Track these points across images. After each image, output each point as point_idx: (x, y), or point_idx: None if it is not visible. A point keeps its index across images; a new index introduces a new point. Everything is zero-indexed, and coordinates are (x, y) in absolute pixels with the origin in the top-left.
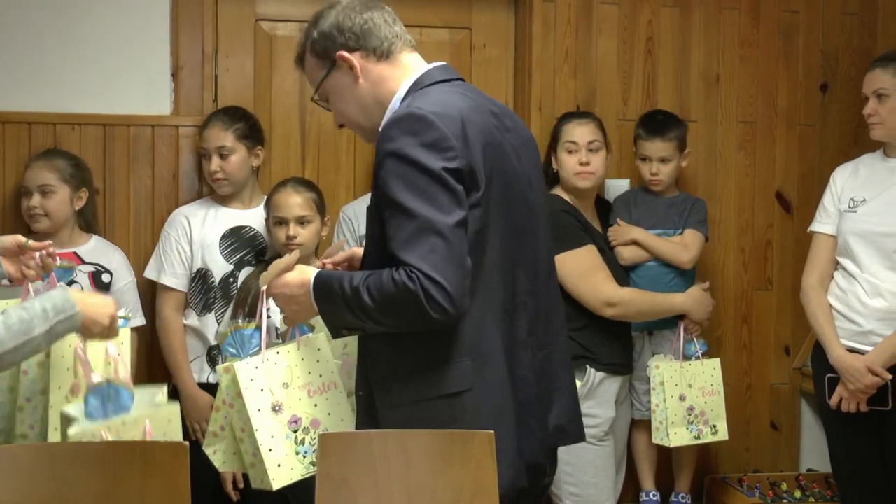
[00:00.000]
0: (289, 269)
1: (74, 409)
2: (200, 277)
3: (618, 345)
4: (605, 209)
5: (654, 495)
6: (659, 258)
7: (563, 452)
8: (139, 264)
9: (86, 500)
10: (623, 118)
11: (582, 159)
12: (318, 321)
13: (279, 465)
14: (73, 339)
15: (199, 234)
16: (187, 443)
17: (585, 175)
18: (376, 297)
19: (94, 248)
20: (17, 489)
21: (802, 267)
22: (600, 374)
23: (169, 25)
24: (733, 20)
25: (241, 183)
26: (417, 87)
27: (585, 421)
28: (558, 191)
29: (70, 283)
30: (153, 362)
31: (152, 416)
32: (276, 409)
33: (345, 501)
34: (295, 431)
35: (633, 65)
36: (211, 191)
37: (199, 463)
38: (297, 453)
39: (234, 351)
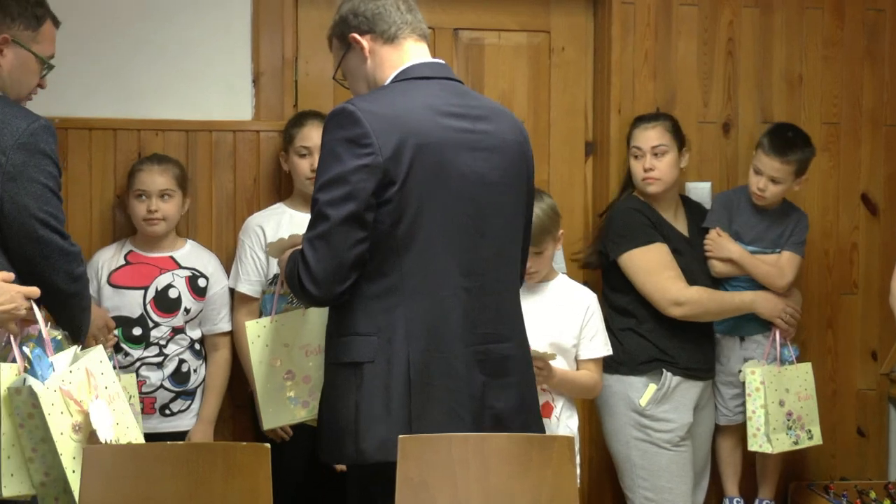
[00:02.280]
0: (295, 244)
1: (16, 381)
2: (278, 283)
3: (696, 349)
4: (693, 210)
5: (737, 502)
6: (753, 279)
7: (638, 457)
8: None
9: (169, 501)
10: (703, 120)
11: (645, 165)
12: None
13: (269, 411)
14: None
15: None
16: (268, 445)
17: (650, 180)
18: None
19: (190, 253)
20: (102, 489)
21: (889, 270)
22: (677, 378)
23: (250, 31)
24: (816, 20)
25: None
26: (397, 79)
27: (660, 426)
28: (638, 191)
29: (168, 287)
30: (236, 366)
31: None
32: (274, 362)
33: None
34: (288, 383)
35: (714, 66)
36: (286, 196)
37: (281, 464)
38: (287, 401)
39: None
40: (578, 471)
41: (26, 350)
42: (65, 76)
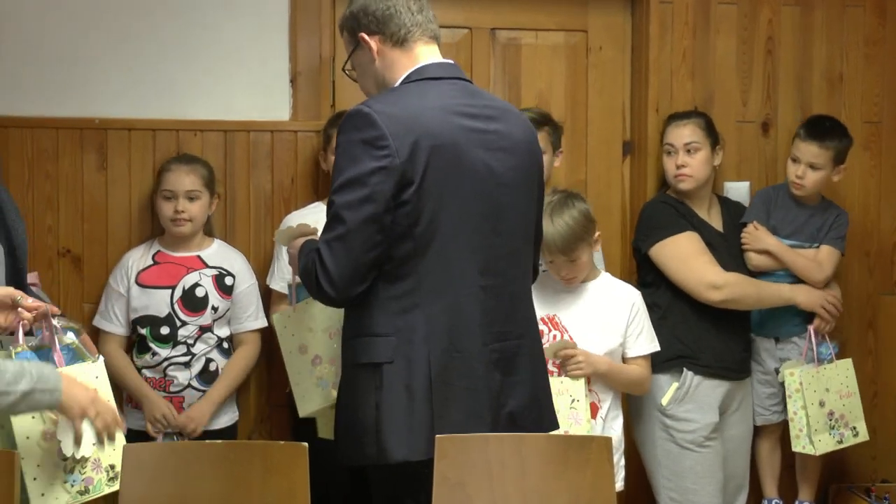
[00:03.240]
0: (304, 234)
1: None
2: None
3: (724, 348)
4: (731, 208)
5: (776, 503)
6: (791, 272)
7: (663, 458)
8: (259, 268)
9: (208, 499)
10: (742, 120)
11: (678, 162)
12: None
13: (303, 397)
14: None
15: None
16: (306, 444)
17: (682, 177)
18: (301, 266)
19: (217, 252)
20: (142, 486)
21: None
22: (698, 378)
23: (287, 32)
24: (857, 17)
25: None
26: (409, 79)
27: (682, 426)
28: (671, 190)
29: (195, 286)
30: (273, 365)
31: (78, 370)
32: (302, 349)
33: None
34: (316, 367)
35: (753, 65)
36: (324, 195)
37: (317, 462)
38: (318, 386)
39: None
40: (623, 473)
41: (11, 349)
42: (105, 77)
